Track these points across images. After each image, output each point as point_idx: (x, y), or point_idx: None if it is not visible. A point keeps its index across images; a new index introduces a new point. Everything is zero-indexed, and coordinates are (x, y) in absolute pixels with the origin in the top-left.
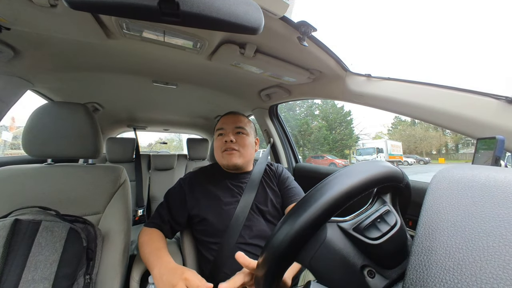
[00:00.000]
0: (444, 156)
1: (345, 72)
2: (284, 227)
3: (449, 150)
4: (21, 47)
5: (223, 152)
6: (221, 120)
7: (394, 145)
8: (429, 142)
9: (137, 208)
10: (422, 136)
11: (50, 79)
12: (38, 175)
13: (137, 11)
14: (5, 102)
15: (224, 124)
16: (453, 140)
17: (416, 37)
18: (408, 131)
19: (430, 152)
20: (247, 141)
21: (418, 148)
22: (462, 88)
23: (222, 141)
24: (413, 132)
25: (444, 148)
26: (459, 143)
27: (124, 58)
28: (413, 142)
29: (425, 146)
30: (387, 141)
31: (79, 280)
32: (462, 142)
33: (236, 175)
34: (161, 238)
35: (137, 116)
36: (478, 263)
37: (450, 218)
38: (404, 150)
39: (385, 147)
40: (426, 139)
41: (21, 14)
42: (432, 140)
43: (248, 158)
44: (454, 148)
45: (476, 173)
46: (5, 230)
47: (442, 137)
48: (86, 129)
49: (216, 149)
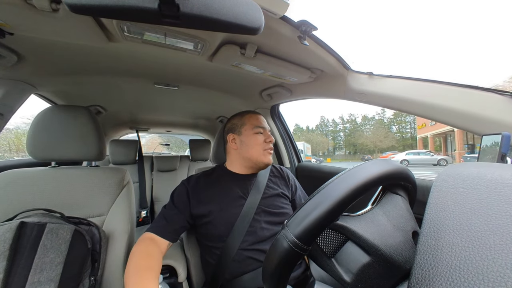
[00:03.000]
0: (328, 157)
1: (347, 70)
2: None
3: (330, 153)
4: (24, 52)
5: (265, 150)
6: (256, 118)
7: (308, 148)
8: (322, 145)
9: (141, 210)
10: (319, 140)
11: (53, 83)
12: (43, 178)
13: (137, 14)
14: (11, 106)
15: (262, 124)
16: (331, 144)
17: (418, 33)
18: (305, 137)
19: (323, 154)
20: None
21: (315, 150)
22: (466, 84)
23: (263, 140)
24: (310, 137)
25: (326, 151)
26: (335, 146)
27: (126, 61)
28: (314, 145)
29: (320, 148)
30: (304, 144)
31: (84, 281)
32: (336, 146)
33: (242, 177)
34: (156, 254)
35: (139, 118)
36: (485, 261)
37: (456, 216)
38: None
39: (304, 149)
40: (320, 143)
41: (24, 19)
42: (324, 144)
43: None
44: (332, 150)
45: (481, 170)
46: (11, 233)
47: (331, 143)
48: (89, 131)
49: (255, 145)
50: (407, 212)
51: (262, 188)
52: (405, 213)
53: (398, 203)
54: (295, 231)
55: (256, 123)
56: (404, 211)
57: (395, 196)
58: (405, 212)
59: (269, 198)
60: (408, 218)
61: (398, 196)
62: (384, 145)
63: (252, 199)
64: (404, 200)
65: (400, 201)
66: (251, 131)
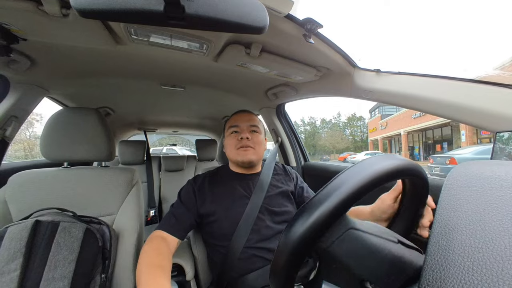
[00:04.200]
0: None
1: (353, 68)
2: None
3: None
4: (37, 56)
5: (238, 149)
6: (234, 118)
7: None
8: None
9: (149, 209)
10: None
11: (64, 85)
12: (56, 178)
13: (144, 16)
14: (25, 109)
15: (239, 122)
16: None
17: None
18: (269, 137)
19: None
20: (260, 139)
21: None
22: (477, 79)
23: (237, 138)
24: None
25: None
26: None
27: (133, 63)
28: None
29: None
30: (273, 144)
31: (96, 278)
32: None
33: (244, 176)
34: (167, 253)
35: (147, 119)
36: (500, 263)
37: (468, 216)
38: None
39: (272, 148)
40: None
41: (36, 25)
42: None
43: (261, 156)
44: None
45: (495, 169)
46: (27, 231)
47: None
48: (99, 133)
49: (229, 146)
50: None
51: (265, 187)
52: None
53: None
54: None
55: (230, 123)
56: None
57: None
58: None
59: (272, 197)
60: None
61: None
62: (341, 147)
63: (255, 198)
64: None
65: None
66: (228, 132)
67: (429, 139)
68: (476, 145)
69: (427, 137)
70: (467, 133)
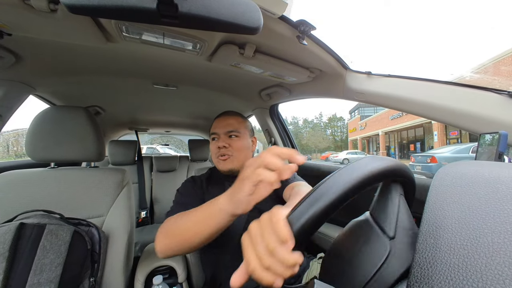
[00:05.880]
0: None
1: (345, 70)
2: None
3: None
4: (23, 52)
5: (218, 157)
6: (214, 123)
7: (261, 147)
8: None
9: (140, 210)
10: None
11: (51, 83)
12: (42, 179)
13: (136, 14)
14: (8, 107)
15: (217, 128)
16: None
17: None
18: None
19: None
20: (241, 144)
21: (265, 149)
22: (463, 83)
23: (216, 146)
24: (259, 137)
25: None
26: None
27: (125, 61)
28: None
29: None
30: (258, 143)
31: (84, 282)
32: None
33: (234, 178)
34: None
35: (139, 118)
36: (483, 259)
37: (454, 215)
38: None
39: (257, 148)
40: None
41: (22, 20)
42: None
43: (242, 161)
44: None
45: (479, 169)
46: (11, 234)
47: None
48: (88, 132)
49: (212, 153)
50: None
51: None
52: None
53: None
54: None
55: (212, 128)
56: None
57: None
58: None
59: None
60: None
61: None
62: (322, 146)
63: None
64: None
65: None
66: (211, 138)
67: (404, 139)
68: (455, 145)
69: (402, 138)
70: (439, 133)
